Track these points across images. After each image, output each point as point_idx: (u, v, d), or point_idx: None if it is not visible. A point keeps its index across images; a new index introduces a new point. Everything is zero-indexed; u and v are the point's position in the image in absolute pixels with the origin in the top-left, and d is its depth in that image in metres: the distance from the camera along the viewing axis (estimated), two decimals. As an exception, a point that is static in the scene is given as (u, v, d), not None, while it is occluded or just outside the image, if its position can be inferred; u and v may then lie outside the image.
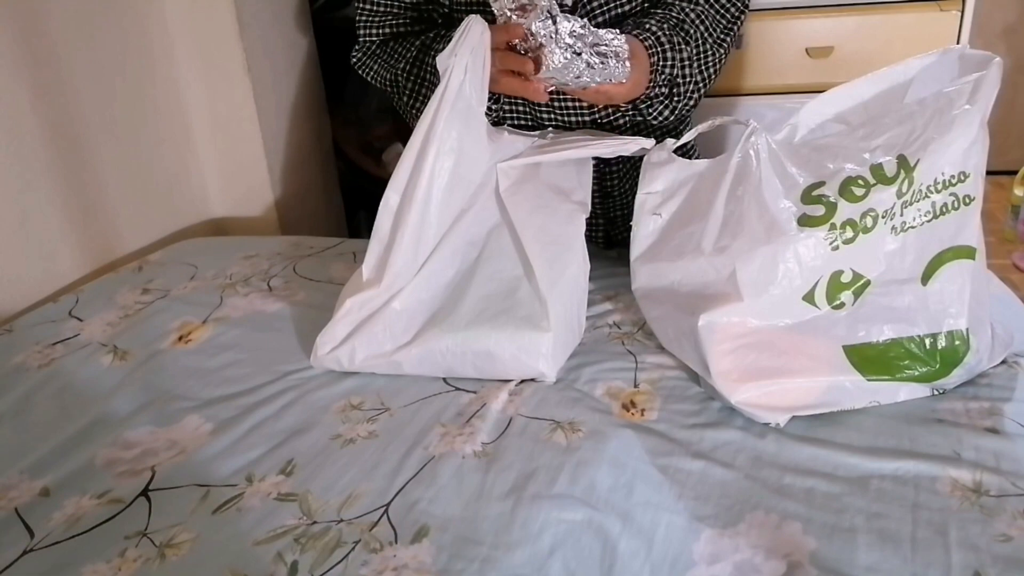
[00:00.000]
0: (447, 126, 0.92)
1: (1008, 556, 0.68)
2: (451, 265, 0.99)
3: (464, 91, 0.92)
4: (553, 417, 0.89)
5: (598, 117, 1.16)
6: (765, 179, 0.87)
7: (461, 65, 0.91)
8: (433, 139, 0.92)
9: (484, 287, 0.98)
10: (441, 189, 0.94)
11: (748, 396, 0.87)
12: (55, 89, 1.30)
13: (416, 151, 0.93)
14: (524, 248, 0.97)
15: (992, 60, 0.87)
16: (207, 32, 1.54)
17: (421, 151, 0.93)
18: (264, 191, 1.68)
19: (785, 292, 0.87)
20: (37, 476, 0.85)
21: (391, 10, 1.15)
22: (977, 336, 0.88)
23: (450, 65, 0.91)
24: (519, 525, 0.74)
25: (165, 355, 1.06)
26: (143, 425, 0.92)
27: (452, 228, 0.98)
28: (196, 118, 1.60)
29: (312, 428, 0.90)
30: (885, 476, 0.78)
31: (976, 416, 0.85)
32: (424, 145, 0.93)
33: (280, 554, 0.73)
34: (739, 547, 0.71)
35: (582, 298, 1.02)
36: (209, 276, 1.27)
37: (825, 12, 1.83)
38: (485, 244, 1.00)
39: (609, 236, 1.30)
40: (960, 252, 0.87)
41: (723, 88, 1.89)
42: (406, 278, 0.97)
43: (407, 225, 0.94)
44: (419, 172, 0.93)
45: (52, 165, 1.30)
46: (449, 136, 0.93)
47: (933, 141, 0.85)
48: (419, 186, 0.93)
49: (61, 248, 1.33)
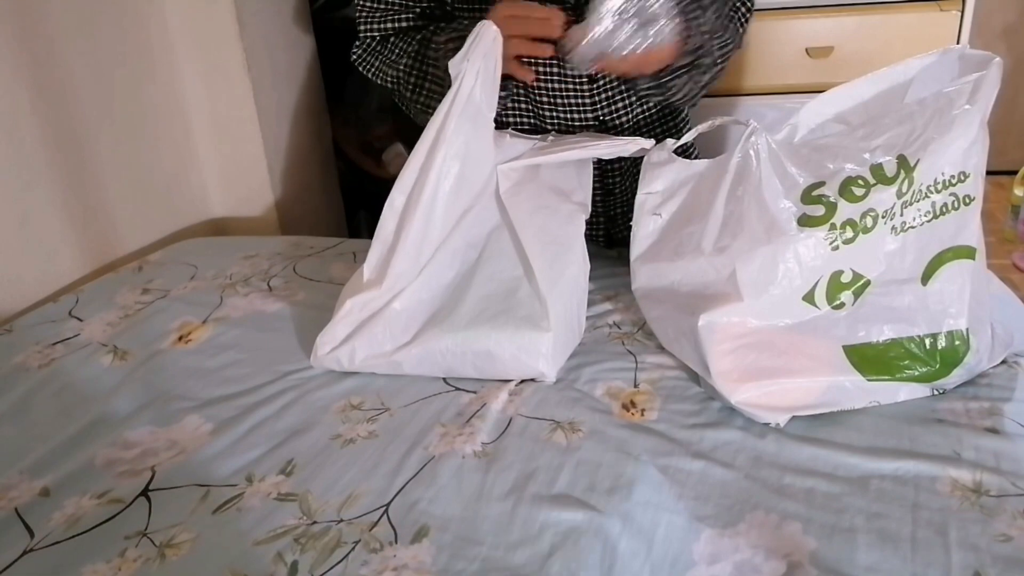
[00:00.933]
0: (456, 130, 0.92)
1: (1008, 556, 0.68)
2: (451, 266, 0.99)
3: (475, 96, 0.93)
4: (553, 417, 0.89)
5: (601, 115, 1.16)
6: (765, 179, 0.87)
7: (473, 70, 0.91)
8: (442, 143, 0.92)
9: (484, 287, 0.98)
10: (447, 192, 0.95)
11: (748, 396, 0.87)
12: (55, 89, 1.30)
13: (424, 154, 0.94)
14: (524, 248, 0.97)
15: (992, 60, 0.87)
16: (207, 32, 1.54)
17: (429, 154, 0.93)
18: (264, 191, 1.68)
19: (785, 292, 0.87)
20: (37, 476, 0.85)
21: (391, 6, 1.16)
22: (977, 336, 0.88)
23: (462, 70, 0.91)
24: (519, 525, 0.74)
25: (165, 355, 1.06)
26: (143, 425, 0.92)
27: (453, 230, 0.98)
28: (196, 118, 1.60)
29: (312, 428, 0.90)
30: (885, 476, 0.78)
31: (976, 416, 0.85)
32: (432, 148, 0.93)
33: (280, 554, 0.73)
34: (739, 547, 0.71)
35: (582, 298, 1.02)
36: (209, 276, 1.27)
37: (825, 12, 1.83)
38: (485, 245, 1.00)
39: (610, 234, 1.30)
40: (960, 252, 0.87)
41: (723, 88, 1.89)
42: (407, 279, 0.97)
43: (411, 227, 0.94)
44: (426, 175, 0.93)
45: (52, 165, 1.30)
46: (457, 140, 0.93)
47: (933, 141, 0.85)
48: (425, 189, 0.93)
49: (61, 248, 1.33)
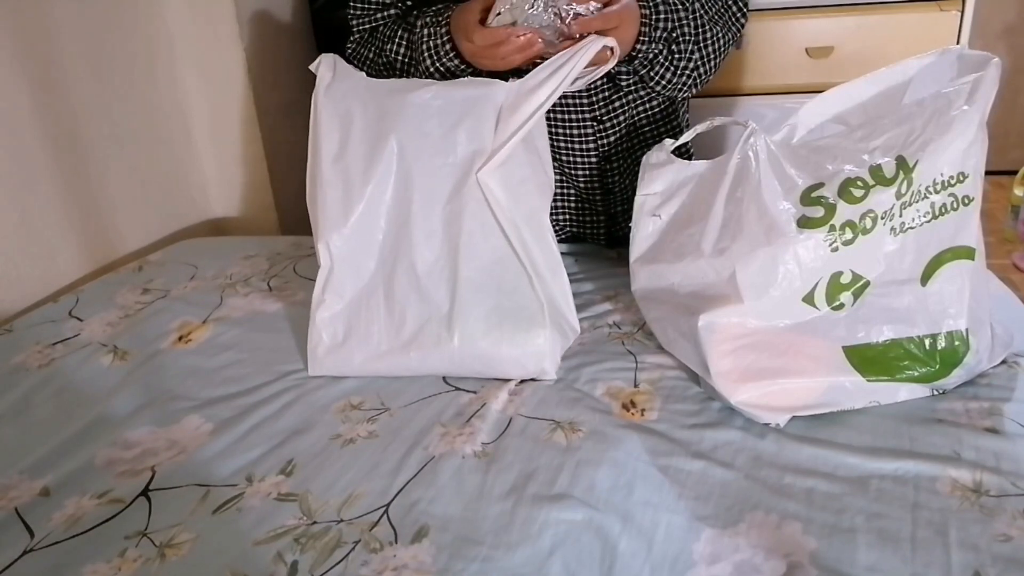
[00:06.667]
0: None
1: (1008, 556, 0.68)
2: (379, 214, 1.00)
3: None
4: (553, 417, 0.89)
5: (598, 114, 1.17)
6: (764, 181, 0.87)
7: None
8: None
9: (475, 284, 0.97)
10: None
11: (748, 396, 0.87)
12: (55, 89, 1.30)
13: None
14: (515, 245, 0.96)
15: (991, 60, 0.87)
16: (207, 32, 1.54)
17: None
18: (264, 191, 1.68)
19: (785, 293, 0.87)
20: (37, 476, 0.85)
21: (383, 1, 1.16)
22: (977, 336, 0.88)
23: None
24: (519, 525, 0.74)
25: (165, 355, 1.06)
26: (143, 425, 0.92)
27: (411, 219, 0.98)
28: (196, 118, 1.60)
29: (312, 428, 0.90)
30: (885, 476, 0.78)
31: (976, 416, 0.85)
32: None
33: (280, 554, 0.73)
34: (739, 547, 0.71)
35: (568, 288, 1.02)
36: (209, 276, 1.28)
37: (825, 12, 1.83)
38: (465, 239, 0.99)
39: (610, 232, 1.30)
40: (959, 252, 0.87)
41: (723, 88, 1.89)
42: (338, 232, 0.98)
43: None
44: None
45: (52, 165, 1.30)
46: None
47: (932, 142, 0.85)
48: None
49: (61, 248, 1.33)
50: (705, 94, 1.86)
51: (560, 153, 1.22)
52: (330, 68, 1.01)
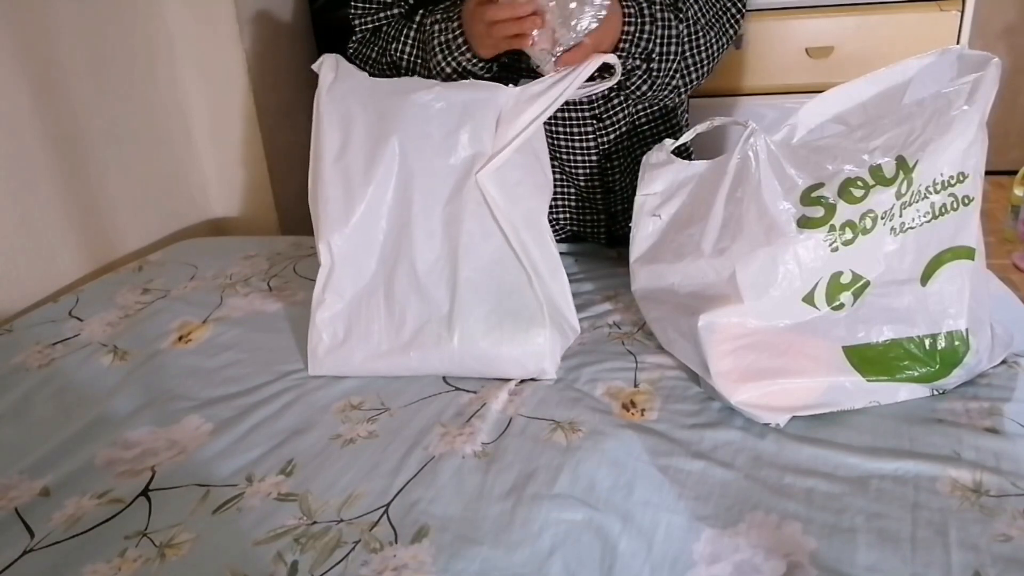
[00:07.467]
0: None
1: (1008, 556, 0.68)
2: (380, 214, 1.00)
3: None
4: (553, 417, 0.89)
5: (597, 112, 1.17)
6: (764, 181, 0.87)
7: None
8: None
9: (475, 284, 0.97)
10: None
11: (748, 396, 0.87)
12: (55, 89, 1.30)
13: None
14: (514, 246, 0.96)
15: (990, 60, 0.87)
16: (207, 32, 1.54)
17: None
18: (264, 191, 1.68)
19: (785, 293, 0.87)
20: (37, 476, 0.85)
21: (385, 0, 1.16)
22: (977, 336, 0.88)
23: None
24: (519, 525, 0.74)
25: (165, 355, 1.06)
26: (143, 425, 0.93)
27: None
28: (196, 118, 1.60)
29: (312, 428, 0.90)
30: (885, 476, 0.78)
31: (976, 416, 0.85)
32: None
33: (280, 554, 0.73)
34: (739, 547, 0.71)
35: (568, 288, 1.01)
36: (209, 276, 1.28)
37: (825, 12, 1.83)
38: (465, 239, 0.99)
39: (611, 231, 1.30)
40: (959, 252, 0.87)
41: (723, 88, 1.89)
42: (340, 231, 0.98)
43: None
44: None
45: (52, 165, 1.30)
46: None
47: (932, 142, 0.85)
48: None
49: (61, 248, 1.33)
50: (705, 94, 1.87)
51: (560, 151, 1.22)
52: (332, 68, 1.01)
